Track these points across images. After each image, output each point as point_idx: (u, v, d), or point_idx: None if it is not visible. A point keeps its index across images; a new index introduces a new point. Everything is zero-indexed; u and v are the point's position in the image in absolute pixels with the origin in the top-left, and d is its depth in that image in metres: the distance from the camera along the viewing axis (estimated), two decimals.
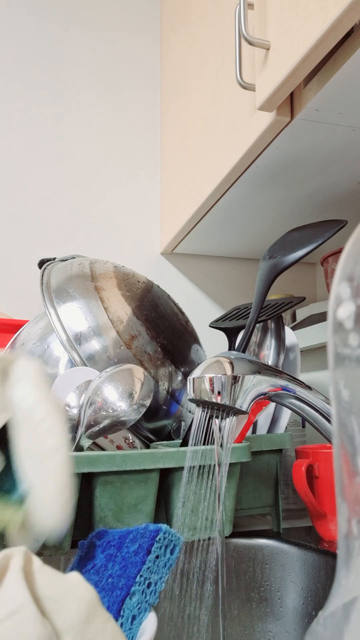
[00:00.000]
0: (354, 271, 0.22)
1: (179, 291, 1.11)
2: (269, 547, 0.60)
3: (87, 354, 0.65)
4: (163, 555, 0.29)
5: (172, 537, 0.30)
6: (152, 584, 0.28)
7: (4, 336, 0.81)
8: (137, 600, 0.27)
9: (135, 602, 0.27)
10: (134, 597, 0.27)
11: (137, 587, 0.28)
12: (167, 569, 0.29)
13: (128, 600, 0.27)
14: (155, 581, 0.28)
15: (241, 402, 0.45)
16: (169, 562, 0.29)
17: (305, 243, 0.57)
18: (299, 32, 0.51)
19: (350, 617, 0.22)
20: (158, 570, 0.28)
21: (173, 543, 0.29)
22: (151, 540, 0.29)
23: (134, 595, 0.27)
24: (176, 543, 0.29)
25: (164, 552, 0.29)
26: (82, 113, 1.11)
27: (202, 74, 0.87)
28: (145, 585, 0.28)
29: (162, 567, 0.29)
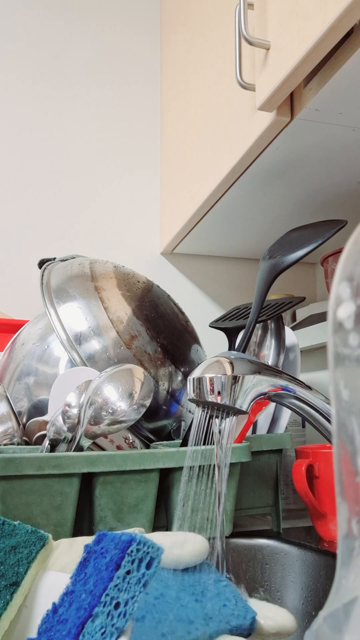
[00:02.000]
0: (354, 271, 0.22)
1: (179, 291, 1.11)
2: (269, 547, 0.60)
3: (87, 354, 0.65)
4: (136, 570, 0.25)
5: (149, 548, 0.25)
6: (121, 604, 0.24)
7: (4, 336, 0.81)
8: (100, 624, 0.23)
9: (97, 626, 0.23)
10: (96, 620, 0.23)
11: (102, 607, 0.24)
12: (142, 586, 0.24)
13: (89, 624, 0.23)
14: (125, 601, 0.24)
15: (241, 402, 0.45)
16: (144, 577, 0.24)
17: (305, 243, 0.57)
18: (299, 32, 0.51)
19: (350, 617, 0.22)
20: (129, 588, 0.24)
21: (150, 555, 0.25)
22: (121, 553, 0.25)
23: (96, 617, 0.23)
24: (154, 555, 0.25)
25: (137, 566, 0.25)
26: (83, 114, 1.11)
27: (202, 74, 0.87)
28: (112, 605, 0.24)
29: (135, 585, 0.24)
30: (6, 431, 0.61)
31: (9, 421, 0.61)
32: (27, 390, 0.67)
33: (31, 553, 0.27)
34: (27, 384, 0.67)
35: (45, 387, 0.66)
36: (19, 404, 0.67)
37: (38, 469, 0.50)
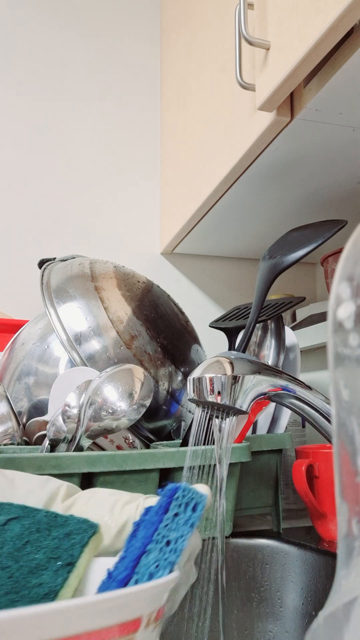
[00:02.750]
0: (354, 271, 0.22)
1: (179, 291, 1.11)
2: (269, 547, 0.60)
3: (87, 354, 0.65)
4: (183, 513, 0.28)
5: (193, 494, 0.28)
6: (172, 542, 0.27)
7: (4, 336, 0.81)
8: (154, 558, 0.27)
9: (151, 560, 0.27)
10: (150, 555, 0.27)
11: (154, 545, 0.27)
12: (189, 526, 0.27)
13: (144, 558, 0.27)
14: (175, 539, 0.27)
15: (241, 402, 0.45)
16: (191, 519, 0.28)
17: (305, 243, 0.57)
18: (299, 32, 0.51)
19: (350, 617, 0.22)
20: (177, 528, 0.27)
21: (195, 501, 0.28)
22: (169, 499, 0.28)
23: (150, 552, 0.27)
24: (198, 500, 0.28)
25: (183, 509, 0.28)
26: (82, 113, 1.11)
27: (202, 74, 0.87)
28: (163, 542, 0.27)
29: (183, 525, 0.27)
30: (6, 431, 0.61)
31: (9, 421, 0.61)
32: (27, 390, 0.67)
33: (83, 539, 0.30)
34: (27, 384, 0.67)
35: (45, 387, 0.66)
36: (19, 404, 0.67)
37: (38, 469, 0.50)
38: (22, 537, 0.29)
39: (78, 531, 0.30)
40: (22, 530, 0.30)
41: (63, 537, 0.29)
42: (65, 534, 0.30)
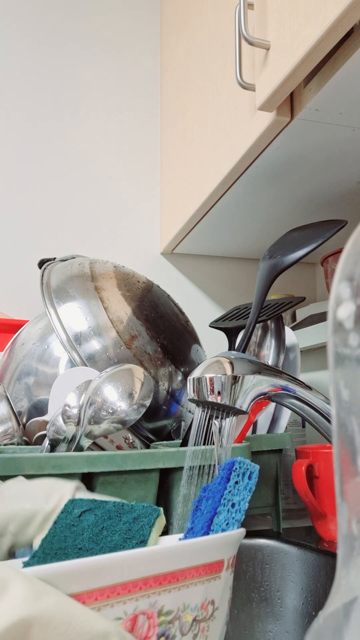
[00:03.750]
0: (354, 271, 0.22)
1: (179, 291, 1.11)
2: (269, 547, 0.60)
3: (87, 354, 0.65)
4: (242, 481, 0.34)
5: (248, 465, 0.34)
6: (236, 504, 0.33)
7: (4, 336, 0.81)
8: (224, 518, 0.33)
9: (222, 519, 0.33)
10: (220, 516, 0.33)
11: (222, 507, 0.33)
12: (248, 491, 0.34)
13: (216, 519, 0.33)
14: (238, 502, 0.33)
15: (241, 402, 0.45)
16: (248, 485, 0.34)
17: (305, 243, 0.57)
18: (299, 32, 0.51)
19: (350, 617, 0.22)
20: (239, 492, 0.34)
21: (250, 470, 0.34)
22: (229, 471, 0.34)
23: (220, 514, 0.33)
24: (252, 470, 0.34)
25: (242, 478, 0.34)
26: (83, 113, 1.11)
27: (202, 74, 0.87)
28: (229, 505, 0.33)
29: (243, 490, 0.34)
30: (6, 431, 0.61)
31: (9, 421, 0.61)
32: (27, 390, 0.67)
33: (150, 520, 0.34)
34: (27, 384, 0.67)
35: (45, 387, 0.66)
36: (19, 404, 0.67)
37: (38, 469, 0.50)
38: (97, 524, 0.34)
39: (144, 515, 0.35)
40: (96, 519, 0.34)
41: (132, 521, 0.34)
42: (134, 518, 0.34)
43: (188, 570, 0.28)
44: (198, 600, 0.28)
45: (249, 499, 0.34)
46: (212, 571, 0.29)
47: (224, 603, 0.30)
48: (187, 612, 0.28)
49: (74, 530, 0.34)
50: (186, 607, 0.27)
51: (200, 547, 0.29)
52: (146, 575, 0.26)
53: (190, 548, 0.28)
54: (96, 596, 0.25)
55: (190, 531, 0.34)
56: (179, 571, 0.27)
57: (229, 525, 0.32)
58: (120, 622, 0.25)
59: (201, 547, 0.29)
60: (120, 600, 0.25)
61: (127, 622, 0.25)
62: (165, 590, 0.27)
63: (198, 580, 0.28)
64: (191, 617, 0.28)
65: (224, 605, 0.30)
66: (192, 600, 0.28)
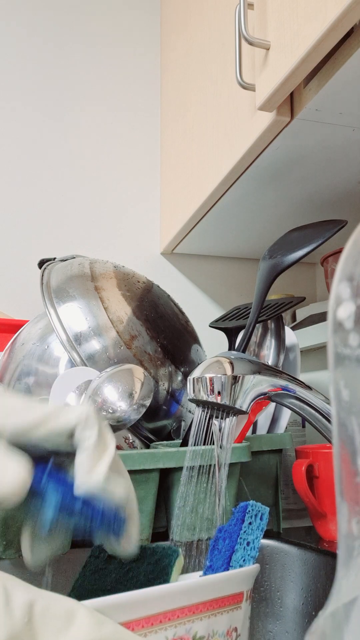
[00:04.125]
0: (354, 271, 0.22)
1: (179, 291, 1.11)
2: (269, 547, 0.60)
3: (87, 354, 0.65)
4: (254, 521, 0.38)
5: (260, 508, 0.38)
6: (251, 543, 0.37)
7: (4, 336, 0.81)
8: (241, 555, 0.37)
9: (239, 556, 0.37)
10: (237, 553, 0.37)
11: (239, 546, 0.37)
12: (260, 530, 0.38)
13: (234, 556, 0.37)
14: (252, 540, 0.37)
15: (241, 402, 0.45)
16: (261, 525, 0.38)
17: (305, 243, 0.57)
18: (299, 32, 0.51)
19: (350, 617, 0.22)
20: (253, 532, 0.37)
21: (261, 512, 0.38)
22: (243, 514, 0.38)
23: (237, 552, 0.37)
24: (263, 512, 0.38)
25: (254, 519, 0.38)
26: (82, 113, 1.11)
27: (202, 74, 0.87)
28: (245, 544, 0.37)
29: (256, 530, 0.38)
30: None
31: None
32: (27, 390, 0.67)
33: (171, 561, 0.37)
34: (27, 384, 0.67)
35: (45, 387, 0.66)
36: None
37: None
38: (123, 567, 0.37)
39: (165, 556, 0.38)
40: (121, 562, 0.37)
41: (155, 563, 0.37)
42: (156, 560, 0.37)
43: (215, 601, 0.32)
44: (224, 627, 0.33)
45: (261, 538, 0.38)
46: (235, 602, 0.34)
47: (244, 631, 0.35)
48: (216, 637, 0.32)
49: (102, 574, 0.37)
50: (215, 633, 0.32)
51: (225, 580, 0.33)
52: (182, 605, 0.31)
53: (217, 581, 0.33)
54: (143, 624, 0.29)
55: (209, 568, 0.38)
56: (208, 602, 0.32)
57: (245, 562, 0.36)
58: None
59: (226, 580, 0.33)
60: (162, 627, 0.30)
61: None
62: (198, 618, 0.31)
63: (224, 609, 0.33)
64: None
65: (245, 632, 0.35)
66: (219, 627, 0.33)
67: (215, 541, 0.39)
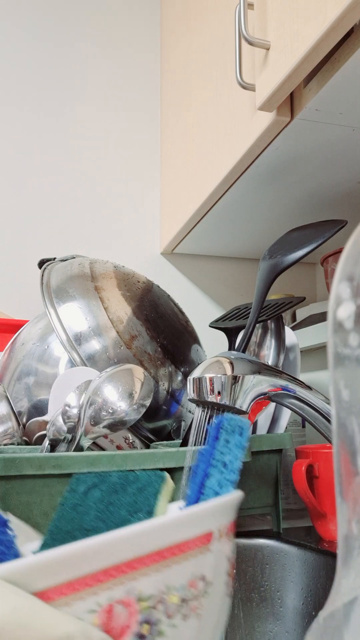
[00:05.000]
0: (354, 271, 0.22)
1: (179, 291, 1.11)
2: (269, 547, 0.60)
3: (87, 354, 0.65)
4: (232, 438, 0.32)
5: (238, 421, 0.33)
6: (228, 464, 0.31)
7: (4, 336, 0.81)
8: (216, 480, 0.31)
9: (214, 482, 0.31)
10: (212, 478, 0.31)
11: (213, 469, 0.31)
12: (240, 449, 0.32)
13: (207, 481, 0.31)
14: (230, 461, 0.32)
15: (241, 402, 0.45)
16: (240, 443, 0.32)
17: (305, 243, 0.57)
18: (299, 32, 0.51)
19: (350, 617, 0.22)
20: (230, 451, 0.32)
21: (240, 426, 0.32)
22: (217, 431, 0.33)
23: (212, 476, 0.31)
24: (242, 427, 0.33)
25: (232, 436, 0.32)
26: (82, 113, 1.11)
27: (202, 74, 0.87)
28: (220, 466, 0.32)
29: (234, 448, 0.32)
30: (6, 431, 0.61)
31: (9, 421, 0.61)
32: (27, 390, 0.67)
33: (156, 488, 0.33)
34: (27, 384, 0.67)
35: (45, 387, 0.66)
36: (19, 404, 0.67)
37: (38, 469, 0.50)
38: (103, 500, 0.33)
39: (149, 483, 0.34)
40: (102, 495, 0.33)
41: (137, 492, 0.33)
42: (139, 488, 0.33)
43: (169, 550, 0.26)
44: (184, 578, 0.26)
45: (241, 458, 0.32)
46: (198, 545, 0.27)
47: (219, 577, 0.28)
48: (172, 594, 0.26)
49: (80, 511, 0.33)
50: (170, 588, 0.26)
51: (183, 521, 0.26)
52: (116, 562, 0.24)
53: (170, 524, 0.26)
54: (64, 591, 0.23)
55: (188, 498, 0.33)
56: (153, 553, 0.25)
57: (221, 487, 0.31)
58: (95, 615, 0.24)
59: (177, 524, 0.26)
60: (91, 591, 0.24)
61: (102, 614, 0.24)
62: (142, 574, 0.25)
63: (180, 558, 0.26)
64: (178, 598, 0.26)
65: (220, 578, 0.28)
66: (177, 580, 0.26)
67: (195, 466, 0.34)
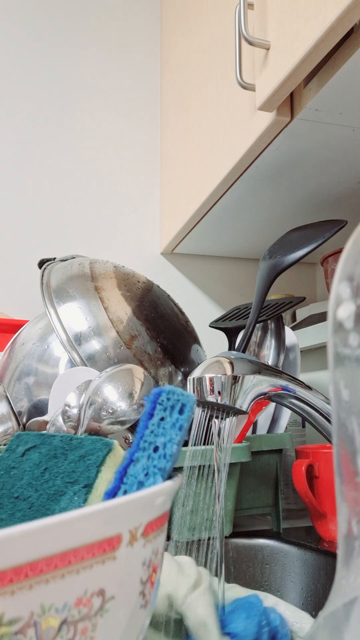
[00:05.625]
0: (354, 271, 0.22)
1: (179, 291, 1.11)
2: (269, 547, 0.60)
3: (87, 354, 0.65)
4: (169, 417, 0.26)
5: (179, 396, 0.27)
6: (160, 448, 0.26)
7: (4, 336, 0.81)
8: (143, 466, 0.26)
9: (139, 468, 0.26)
10: (138, 464, 0.26)
11: (141, 452, 0.26)
12: (177, 429, 0.26)
13: (131, 467, 0.26)
14: (164, 444, 0.26)
15: (241, 402, 0.45)
16: (178, 422, 0.26)
17: (305, 243, 0.57)
18: (299, 32, 0.51)
19: (350, 617, 0.22)
20: (165, 432, 0.26)
21: (181, 402, 0.27)
22: (153, 404, 0.27)
23: (137, 461, 0.26)
24: (185, 402, 0.27)
25: (169, 413, 0.27)
26: (83, 113, 1.11)
27: (202, 74, 0.87)
28: (150, 450, 0.26)
29: (170, 429, 0.26)
30: (6, 431, 0.61)
31: (9, 421, 0.61)
32: (27, 390, 0.67)
33: (99, 458, 0.29)
34: (27, 384, 0.67)
35: (45, 387, 0.66)
36: (19, 404, 0.67)
37: None
38: (40, 465, 0.29)
39: (92, 451, 0.29)
40: (40, 458, 0.30)
41: (78, 460, 0.29)
42: (80, 456, 0.29)
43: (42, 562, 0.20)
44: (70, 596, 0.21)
45: (179, 440, 0.26)
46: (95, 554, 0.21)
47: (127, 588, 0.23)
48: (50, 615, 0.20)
49: (13, 474, 0.29)
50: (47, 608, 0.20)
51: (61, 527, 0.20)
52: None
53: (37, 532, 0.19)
54: None
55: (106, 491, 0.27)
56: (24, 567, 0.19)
57: (148, 476, 0.25)
58: None
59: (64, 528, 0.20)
60: None
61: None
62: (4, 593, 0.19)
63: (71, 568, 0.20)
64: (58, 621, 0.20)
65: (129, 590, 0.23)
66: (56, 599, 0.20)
67: None
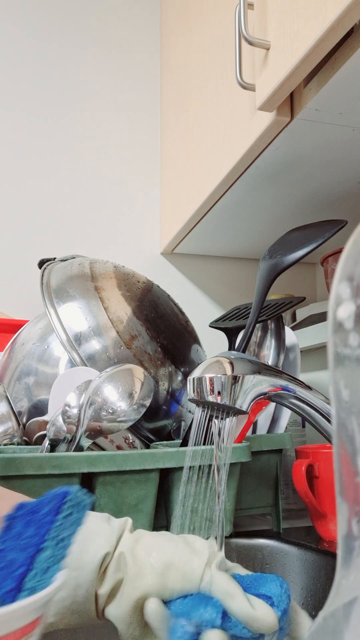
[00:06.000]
0: (354, 271, 0.22)
1: (179, 291, 1.11)
2: (269, 547, 0.60)
3: (87, 354, 0.65)
4: (73, 513, 0.30)
5: (82, 498, 0.31)
6: (63, 540, 0.30)
7: (4, 336, 0.81)
8: (49, 555, 0.29)
9: (47, 556, 0.29)
10: (45, 552, 0.29)
11: (49, 542, 0.29)
12: (77, 525, 0.30)
13: (39, 555, 0.29)
14: (67, 536, 0.30)
15: (241, 402, 0.45)
16: (79, 519, 0.31)
17: (305, 243, 0.57)
18: (299, 32, 0.51)
19: (350, 617, 0.22)
20: (69, 526, 0.30)
21: (82, 503, 0.31)
22: (60, 502, 0.30)
23: (45, 550, 0.29)
24: (85, 503, 0.31)
25: (74, 510, 0.31)
26: (82, 113, 1.11)
27: (202, 74, 0.87)
28: (57, 541, 0.29)
29: (72, 525, 0.30)
30: (6, 431, 0.61)
31: (9, 421, 0.61)
32: (27, 390, 0.67)
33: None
34: (27, 384, 0.67)
35: (45, 387, 0.66)
36: (19, 404, 0.67)
37: (38, 469, 0.50)
38: None
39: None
40: None
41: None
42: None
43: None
44: None
45: (75, 535, 0.30)
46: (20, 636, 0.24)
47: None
48: None
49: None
50: None
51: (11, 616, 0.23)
52: None
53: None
54: None
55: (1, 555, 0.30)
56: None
57: (53, 563, 0.29)
58: None
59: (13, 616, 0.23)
60: None
61: None
62: None
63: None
64: None
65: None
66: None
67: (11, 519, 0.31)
